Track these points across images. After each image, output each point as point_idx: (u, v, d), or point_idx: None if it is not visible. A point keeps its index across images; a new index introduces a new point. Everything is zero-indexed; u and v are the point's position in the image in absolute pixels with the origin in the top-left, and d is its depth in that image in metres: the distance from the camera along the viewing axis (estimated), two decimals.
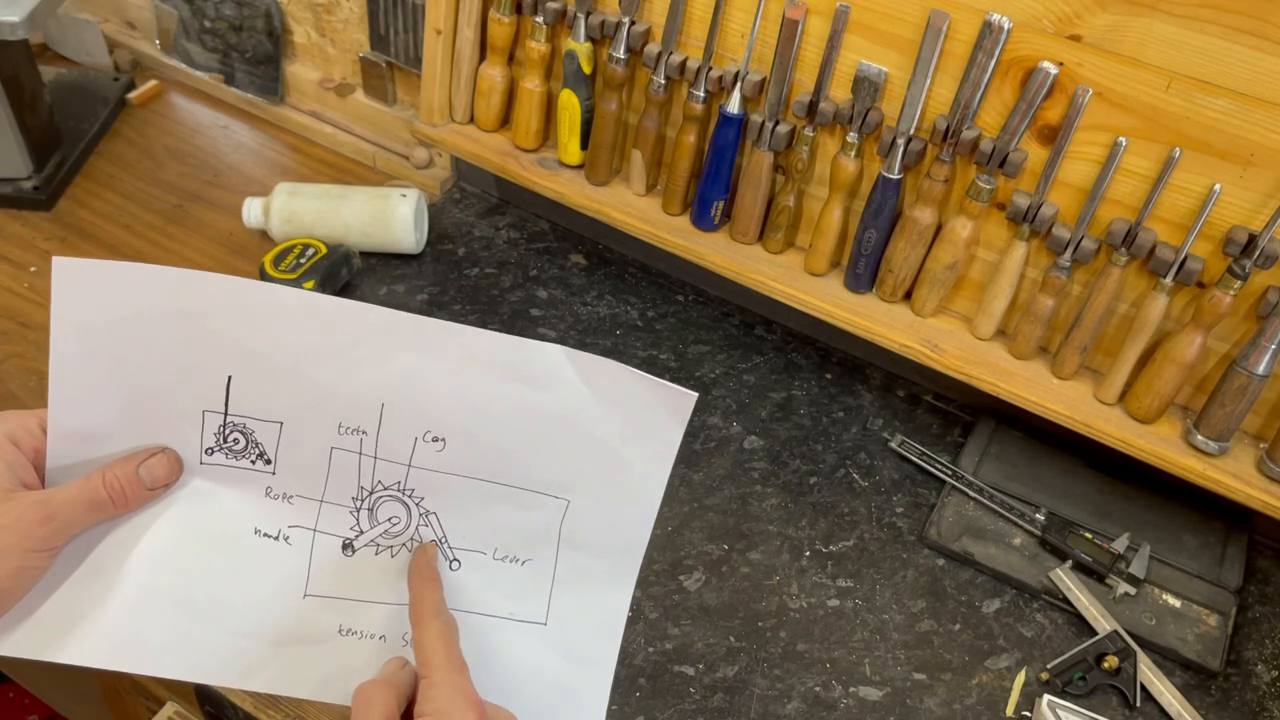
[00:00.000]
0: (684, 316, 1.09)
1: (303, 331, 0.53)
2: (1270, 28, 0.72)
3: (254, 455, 0.56)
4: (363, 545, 0.57)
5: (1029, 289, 0.90)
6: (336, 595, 0.57)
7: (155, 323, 0.52)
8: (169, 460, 0.55)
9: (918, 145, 0.87)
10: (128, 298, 0.52)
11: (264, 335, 0.53)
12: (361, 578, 0.57)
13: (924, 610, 0.86)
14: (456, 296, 1.07)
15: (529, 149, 1.07)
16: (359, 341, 0.53)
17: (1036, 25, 0.79)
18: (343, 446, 0.55)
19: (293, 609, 0.56)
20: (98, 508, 0.53)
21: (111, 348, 0.52)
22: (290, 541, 0.57)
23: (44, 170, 1.12)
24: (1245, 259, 0.79)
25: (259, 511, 0.56)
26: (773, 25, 0.89)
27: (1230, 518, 0.93)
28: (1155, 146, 0.79)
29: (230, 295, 0.52)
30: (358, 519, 0.57)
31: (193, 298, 0.52)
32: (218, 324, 0.53)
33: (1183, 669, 0.84)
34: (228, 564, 0.56)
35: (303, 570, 0.57)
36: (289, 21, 1.23)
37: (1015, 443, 0.98)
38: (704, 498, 0.92)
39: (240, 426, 0.55)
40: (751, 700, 0.78)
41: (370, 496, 0.57)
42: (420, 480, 0.56)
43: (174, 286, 0.52)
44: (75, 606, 0.53)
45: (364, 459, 0.56)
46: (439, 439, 0.55)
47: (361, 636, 0.57)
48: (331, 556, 0.57)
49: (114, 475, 0.53)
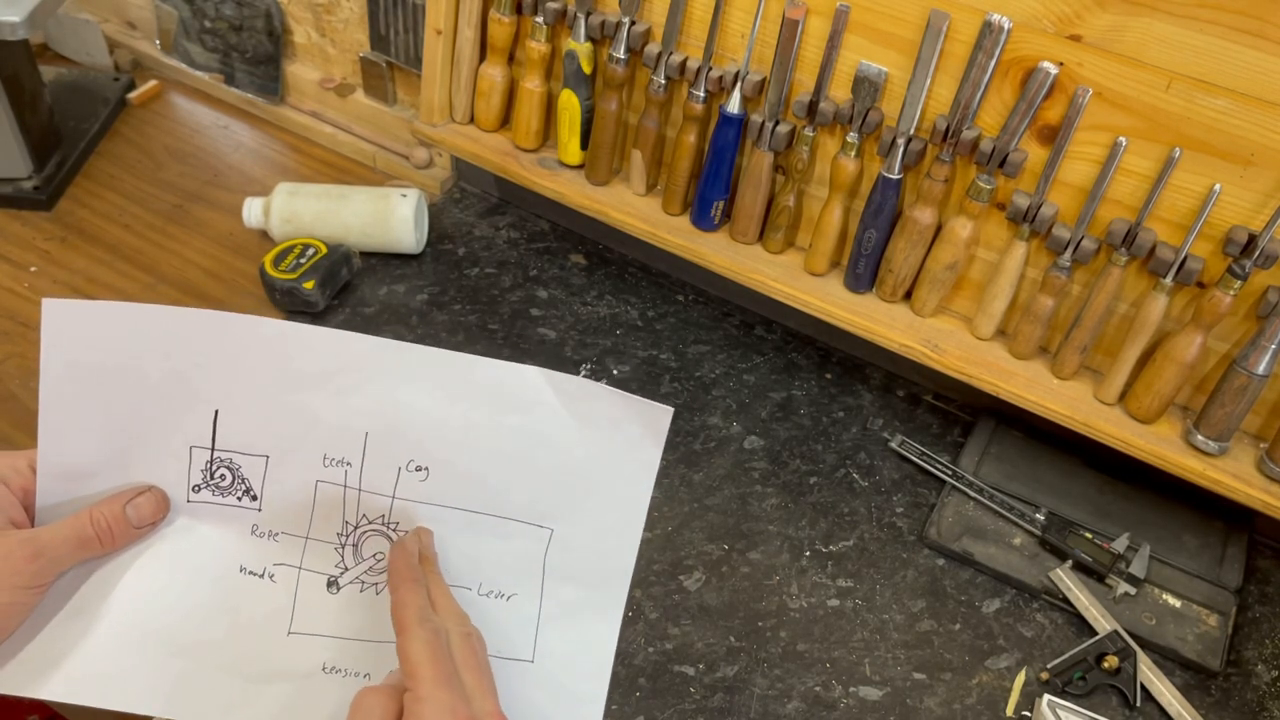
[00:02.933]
0: (684, 316, 1.09)
1: (286, 361, 0.54)
2: (1270, 28, 0.72)
3: (240, 491, 0.56)
4: (347, 583, 0.58)
5: (1029, 289, 0.90)
6: (321, 633, 0.57)
7: (142, 361, 0.53)
8: (156, 499, 0.55)
9: (918, 145, 0.87)
10: (115, 337, 0.52)
11: (248, 368, 0.54)
12: (346, 615, 0.57)
13: (924, 610, 0.86)
14: (456, 296, 1.07)
15: (529, 149, 1.07)
16: (342, 369, 0.54)
17: (1036, 25, 0.79)
18: (328, 479, 0.56)
19: (277, 647, 0.57)
20: (85, 546, 0.53)
21: (100, 387, 0.53)
22: (275, 579, 0.57)
23: (44, 170, 1.12)
24: (1245, 259, 0.79)
25: (244, 549, 0.57)
26: (773, 25, 0.89)
27: (1230, 518, 0.93)
28: (1155, 146, 0.79)
29: (214, 330, 0.53)
30: (342, 555, 0.57)
31: (178, 335, 0.53)
32: (203, 360, 0.53)
33: (1183, 669, 0.84)
34: (212, 602, 0.56)
35: (287, 608, 0.57)
36: (289, 21, 1.23)
37: (1015, 443, 0.98)
38: (704, 498, 0.92)
39: (227, 462, 0.56)
40: (751, 700, 0.78)
41: (355, 532, 0.57)
42: (404, 513, 0.57)
43: (159, 325, 0.53)
44: (60, 643, 0.54)
45: (349, 492, 0.56)
46: (422, 468, 0.56)
47: (346, 674, 0.57)
48: (316, 594, 0.57)
49: (101, 514, 0.53)
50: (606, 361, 1.02)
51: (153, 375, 0.53)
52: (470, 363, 0.55)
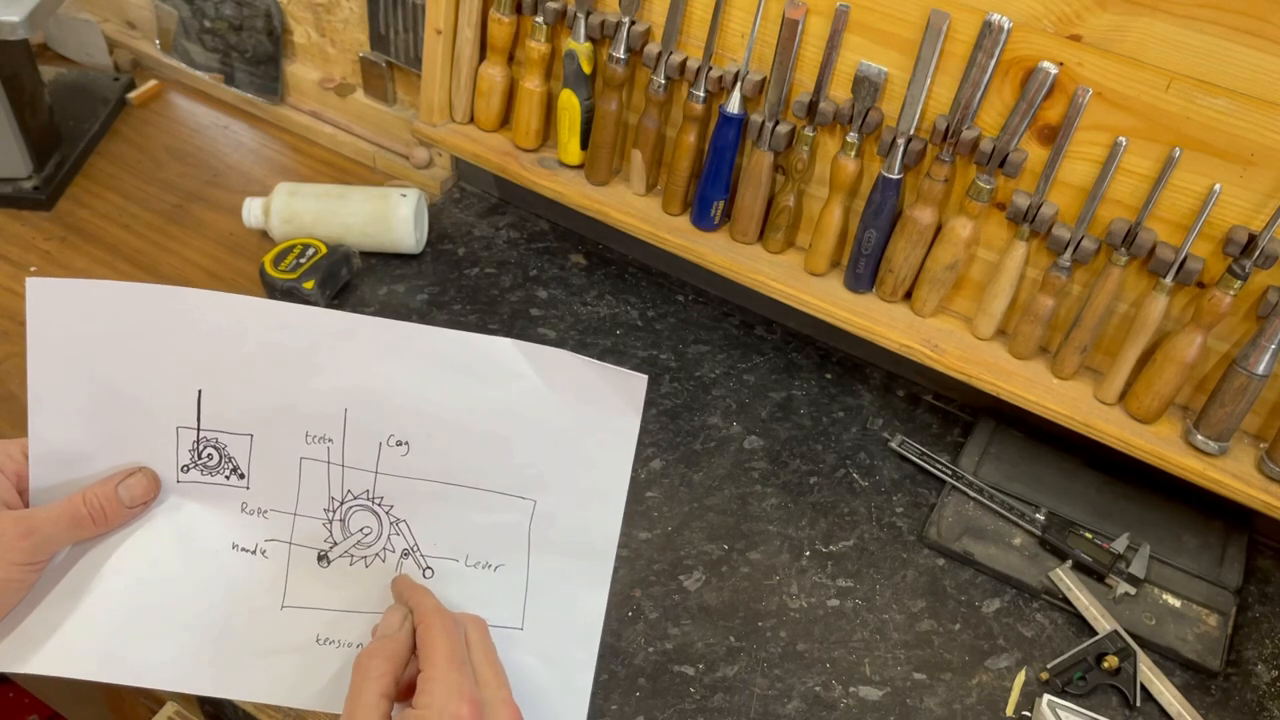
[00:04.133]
0: (684, 316, 1.09)
1: (263, 339, 0.54)
2: (1270, 28, 0.72)
3: (228, 470, 0.57)
4: (337, 556, 0.58)
5: (1029, 289, 0.90)
6: (313, 606, 0.58)
7: (126, 338, 0.54)
8: (147, 479, 0.56)
9: (918, 145, 0.87)
10: (99, 313, 0.53)
11: (227, 346, 0.54)
12: (337, 588, 0.59)
13: (924, 610, 0.86)
14: (456, 296, 1.07)
15: (529, 149, 1.07)
16: (318, 346, 0.55)
17: (1036, 25, 0.79)
18: (311, 456, 0.57)
19: (271, 620, 0.58)
20: (78, 525, 0.54)
21: (86, 365, 0.54)
22: (267, 555, 0.58)
23: (44, 170, 1.12)
24: (1245, 259, 0.79)
25: (236, 526, 0.58)
26: (773, 25, 0.89)
27: (1230, 518, 0.93)
28: (1155, 146, 0.79)
29: (192, 307, 0.54)
30: (331, 530, 0.58)
31: (159, 311, 0.53)
32: (184, 336, 0.54)
33: (1183, 669, 0.84)
34: (206, 578, 0.57)
35: (280, 582, 0.58)
36: (289, 21, 1.23)
37: (1015, 443, 0.98)
38: (704, 498, 0.92)
39: (213, 441, 0.56)
40: (751, 700, 0.78)
41: (341, 507, 0.58)
42: (388, 487, 0.57)
43: (141, 301, 0.53)
44: (58, 621, 0.55)
45: (332, 468, 0.57)
46: (402, 442, 0.57)
47: (339, 645, 0.58)
48: (307, 568, 0.58)
49: (94, 494, 0.55)
50: (606, 361, 1.02)
51: (136, 353, 0.54)
52: (445, 337, 0.55)
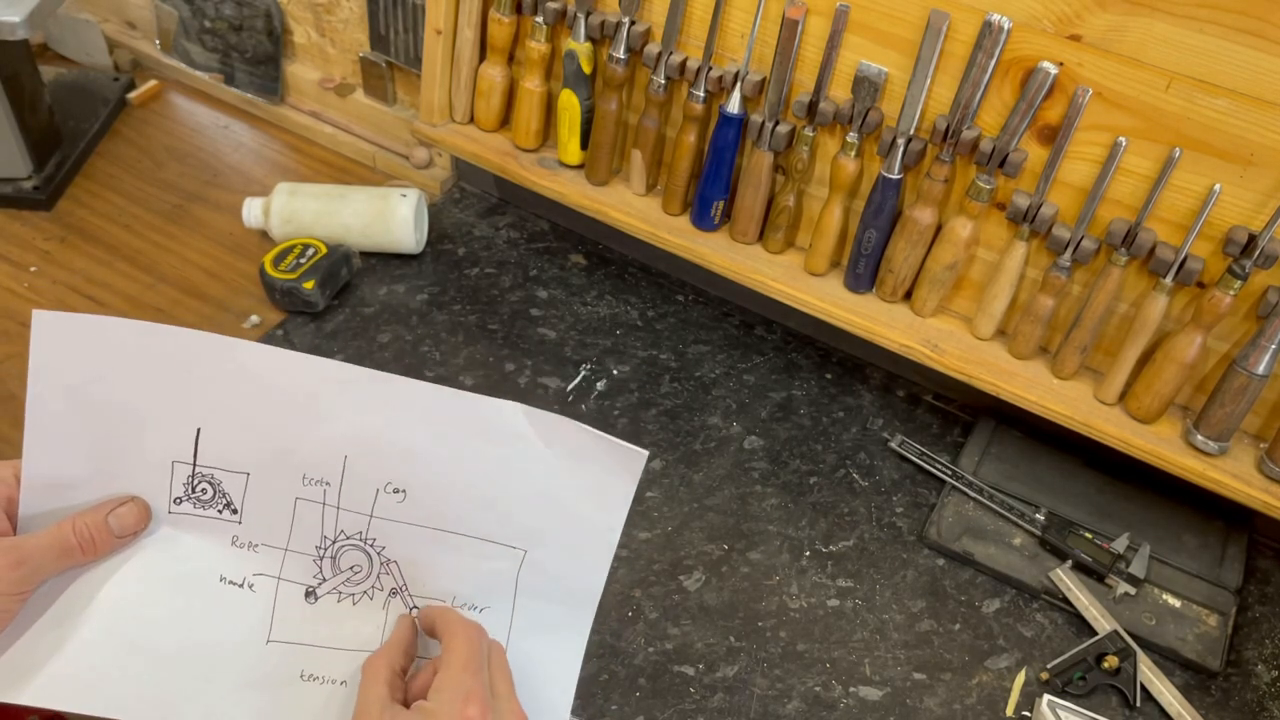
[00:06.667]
0: (684, 316, 1.09)
1: (268, 385, 0.55)
2: (1270, 28, 0.72)
3: (221, 505, 0.57)
4: (325, 593, 0.59)
5: (1029, 289, 0.90)
6: (298, 641, 0.58)
7: (129, 376, 0.54)
8: (138, 509, 0.56)
9: (918, 145, 0.87)
10: (104, 351, 0.53)
11: (231, 388, 0.55)
12: (323, 624, 0.58)
13: (924, 610, 0.86)
14: (456, 296, 1.07)
15: (529, 149, 1.07)
16: (322, 395, 0.55)
17: (1036, 25, 0.79)
18: (306, 497, 0.57)
19: (255, 655, 0.57)
20: (67, 554, 0.54)
21: (87, 400, 0.54)
22: (254, 589, 0.58)
23: (44, 170, 1.12)
24: (1245, 259, 0.79)
25: (225, 559, 0.58)
26: (773, 25, 0.89)
27: (1230, 518, 0.93)
28: (1155, 146, 0.79)
29: (199, 349, 0.54)
30: (320, 567, 0.58)
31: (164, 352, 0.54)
32: (188, 377, 0.54)
33: (1183, 669, 0.84)
34: (192, 610, 0.57)
35: (266, 617, 0.58)
36: (289, 21, 1.23)
37: (1015, 443, 0.98)
38: (704, 498, 0.92)
39: (208, 477, 0.56)
40: (751, 700, 0.78)
41: (333, 545, 0.58)
42: (381, 530, 0.58)
43: (147, 341, 0.53)
44: (41, 650, 0.54)
45: (327, 509, 0.57)
46: (400, 490, 0.57)
47: (322, 682, 0.58)
48: (294, 603, 0.58)
49: (84, 523, 0.54)
50: (606, 361, 1.02)
51: (138, 390, 0.54)
52: (450, 396, 0.56)
